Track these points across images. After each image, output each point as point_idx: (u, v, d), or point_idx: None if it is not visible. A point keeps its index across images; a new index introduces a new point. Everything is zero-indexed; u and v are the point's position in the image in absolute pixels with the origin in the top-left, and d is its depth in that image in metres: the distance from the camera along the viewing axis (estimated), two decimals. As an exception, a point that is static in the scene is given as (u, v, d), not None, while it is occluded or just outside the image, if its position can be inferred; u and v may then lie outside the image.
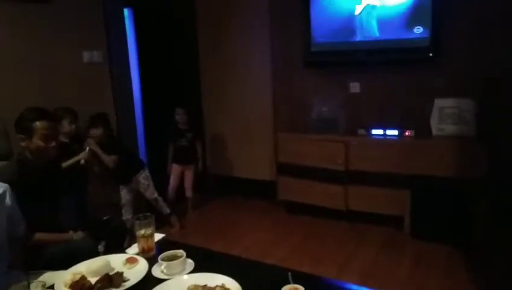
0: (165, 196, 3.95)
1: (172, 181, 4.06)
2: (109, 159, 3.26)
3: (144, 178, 3.60)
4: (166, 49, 4.43)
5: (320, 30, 3.82)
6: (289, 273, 1.36)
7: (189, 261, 1.58)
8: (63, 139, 3.05)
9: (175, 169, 4.05)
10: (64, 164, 2.89)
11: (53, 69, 3.23)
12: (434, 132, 3.42)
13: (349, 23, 3.67)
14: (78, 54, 3.42)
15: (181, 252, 1.58)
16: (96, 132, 3.28)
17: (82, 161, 3.01)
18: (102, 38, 3.59)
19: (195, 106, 4.59)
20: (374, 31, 3.59)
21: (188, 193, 4.14)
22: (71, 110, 3.08)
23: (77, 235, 2.02)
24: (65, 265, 1.60)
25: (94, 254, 1.70)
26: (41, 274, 1.63)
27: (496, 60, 3.29)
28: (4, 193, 1.76)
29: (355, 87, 3.90)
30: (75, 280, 1.47)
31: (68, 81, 3.33)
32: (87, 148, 3.09)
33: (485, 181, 3.08)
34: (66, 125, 3.04)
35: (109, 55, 3.64)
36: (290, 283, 1.32)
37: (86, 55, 3.46)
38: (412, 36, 3.43)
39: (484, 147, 3.11)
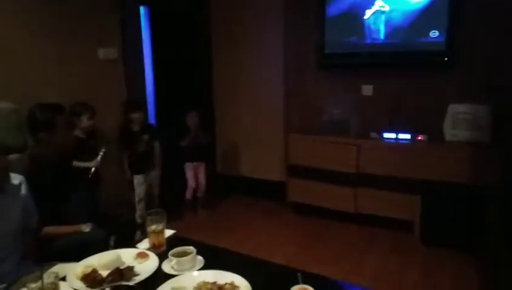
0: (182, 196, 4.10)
1: (190, 180, 4.11)
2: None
3: (157, 172, 3.70)
4: (180, 48, 4.46)
5: (335, 32, 3.81)
6: (298, 274, 1.36)
7: (199, 258, 1.59)
8: (80, 134, 3.10)
9: (189, 168, 4.10)
10: (75, 163, 2.94)
11: (68, 65, 3.27)
12: (447, 137, 3.38)
13: (364, 25, 3.65)
14: (93, 50, 3.46)
15: (191, 248, 1.59)
16: (139, 115, 3.49)
17: (93, 169, 3.01)
18: (117, 35, 3.63)
19: (207, 106, 4.61)
20: (388, 34, 3.56)
21: (201, 191, 4.18)
22: (89, 106, 3.12)
23: (86, 227, 2.05)
24: (76, 256, 1.62)
25: (105, 245, 1.72)
26: (53, 265, 1.65)
27: (511, 66, 3.24)
28: (20, 184, 1.80)
29: (368, 90, 3.88)
30: (86, 272, 1.49)
31: (83, 77, 3.37)
32: (99, 157, 3.06)
33: (497, 188, 3.04)
34: (85, 121, 3.08)
35: (124, 53, 3.67)
36: (299, 283, 1.32)
37: (102, 52, 3.50)
38: (427, 40, 3.41)
39: (497, 153, 3.07)
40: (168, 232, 1.84)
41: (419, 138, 3.46)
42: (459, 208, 3.18)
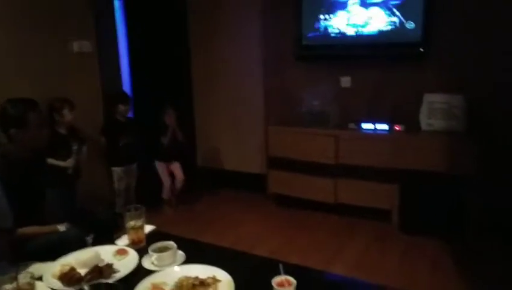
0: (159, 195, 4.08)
1: (165, 179, 4.06)
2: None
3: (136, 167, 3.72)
4: (157, 40, 4.38)
5: (312, 23, 3.81)
6: (280, 265, 1.36)
7: (180, 252, 1.58)
8: (62, 131, 3.03)
9: (163, 167, 4.05)
10: (50, 161, 2.87)
11: (42, 59, 3.17)
12: (423, 126, 3.45)
13: (341, 16, 3.67)
14: (67, 43, 3.36)
15: (172, 243, 1.57)
16: (125, 108, 3.56)
17: (70, 171, 3.02)
18: (92, 28, 3.53)
19: (186, 100, 4.56)
20: (365, 25, 3.59)
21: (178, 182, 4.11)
22: (67, 99, 3.08)
23: (62, 227, 2.00)
24: (52, 256, 1.59)
25: (82, 243, 1.68)
26: (29, 265, 1.61)
27: (485, 56, 3.32)
28: (-9, 184, 1.73)
29: (346, 81, 3.91)
30: (64, 271, 1.46)
31: (57, 71, 3.27)
32: (72, 157, 3.05)
33: (473, 176, 3.12)
34: (68, 114, 3.03)
35: (99, 46, 3.58)
36: (281, 274, 1.33)
37: (76, 45, 3.40)
38: (403, 31, 3.45)
39: (473, 142, 3.15)
40: (148, 228, 1.82)
41: (397, 128, 3.51)
42: (436, 196, 3.25)
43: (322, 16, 3.76)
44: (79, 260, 1.53)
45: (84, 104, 3.41)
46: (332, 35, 3.75)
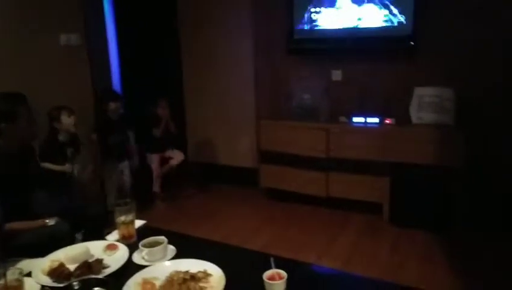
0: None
1: (156, 170, 4.08)
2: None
3: (131, 162, 3.76)
4: (147, 33, 4.34)
5: (303, 17, 3.80)
6: (271, 259, 1.36)
7: (171, 247, 1.57)
8: (63, 138, 3.00)
9: (156, 158, 4.06)
10: (47, 165, 2.86)
11: (28, 52, 3.12)
12: (413, 120, 3.46)
13: (332, 10, 3.66)
14: (54, 36, 3.31)
15: (162, 238, 1.56)
16: (115, 105, 3.53)
17: (70, 174, 3.01)
18: (79, 20, 3.48)
19: (176, 94, 4.53)
20: (356, 19, 3.59)
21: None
22: (64, 106, 3.05)
23: (51, 221, 1.98)
24: (41, 252, 1.57)
25: (71, 238, 1.67)
26: (18, 262, 1.59)
27: (475, 50, 3.34)
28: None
29: (337, 75, 3.91)
30: (53, 267, 1.44)
31: (45, 64, 3.23)
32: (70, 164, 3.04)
33: (462, 169, 3.15)
34: (66, 119, 2.99)
35: (87, 39, 3.53)
36: (272, 268, 1.33)
37: (63, 38, 3.35)
38: (394, 24, 3.45)
39: (462, 135, 3.18)
40: (138, 223, 1.81)
41: (388, 121, 3.53)
42: (426, 189, 3.28)
43: (313, 9, 3.74)
44: (68, 255, 1.51)
45: (74, 98, 3.37)
46: (323, 28, 3.74)
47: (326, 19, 3.71)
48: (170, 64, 4.56)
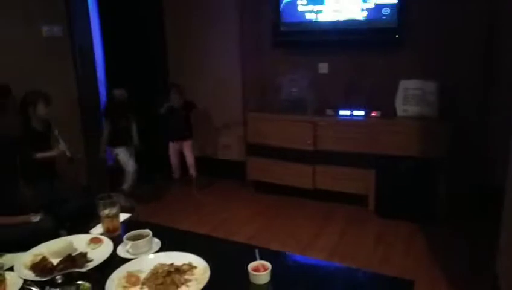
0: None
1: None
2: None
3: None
4: (132, 26, 4.28)
5: (289, 9, 3.78)
6: (256, 250, 1.36)
7: (156, 240, 1.57)
8: (37, 127, 2.92)
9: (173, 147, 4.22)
10: (40, 155, 2.81)
11: (9, 44, 3.05)
12: (398, 112, 3.50)
13: (318, 2, 3.65)
14: (36, 27, 3.24)
15: (147, 231, 1.56)
16: (120, 92, 3.67)
17: (68, 154, 2.93)
18: (62, 11, 3.41)
19: (163, 87, 4.48)
20: (342, 12, 3.59)
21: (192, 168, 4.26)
22: (42, 93, 2.93)
23: (36, 217, 1.95)
24: (25, 247, 1.55)
25: (55, 234, 1.65)
26: (0, 256, 1.57)
27: (458, 43, 3.38)
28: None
29: (323, 68, 3.92)
30: (35, 261, 1.43)
31: (26, 56, 3.17)
32: (59, 147, 2.95)
33: (445, 160, 3.20)
34: (42, 108, 2.88)
35: (70, 30, 3.47)
36: (257, 260, 1.33)
37: (45, 29, 3.29)
38: (379, 17, 3.47)
39: (445, 127, 3.22)
40: (123, 216, 1.80)
41: (373, 114, 3.56)
42: (411, 181, 3.32)
43: (299, 2, 3.73)
44: (51, 249, 1.49)
45: (57, 91, 3.30)
46: (310, 21, 3.74)
47: (312, 12, 3.70)
48: (156, 56, 4.51)
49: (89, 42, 3.67)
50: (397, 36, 3.44)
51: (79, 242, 1.57)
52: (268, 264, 1.31)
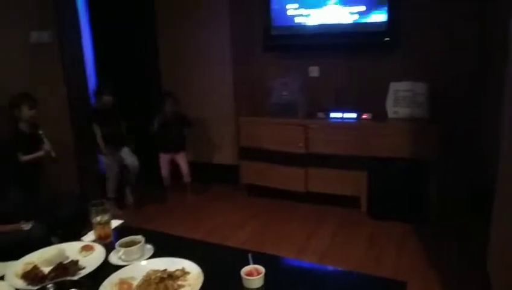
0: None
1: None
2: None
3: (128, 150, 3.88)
4: (123, 30, 4.27)
5: (280, 13, 3.80)
6: (249, 255, 1.36)
7: (148, 246, 1.56)
8: (24, 128, 2.91)
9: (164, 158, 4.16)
10: (25, 158, 2.79)
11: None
12: (389, 114, 3.53)
13: (309, 6, 3.68)
14: (24, 33, 3.21)
15: (139, 237, 1.55)
16: (108, 98, 3.68)
17: (53, 154, 2.94)
18: (51, 18, 3.39)
19: (154, 91, 4.47)
20: (332, 15, 3.62)
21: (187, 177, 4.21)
22: (28, 95, 2.94)
23: (27, 225, 1.93)
24: (16, 256, 1.53)
25: (46, 242, 1.63)
26: (-10, 266, 1.55)
27: (447, 45, 3.42)
28: None
29: (314, 71, 3.95)
30: (27, 270, 1.41)
31: (14, 62, 3.14)
32: (44, 147, 2.95)
33: (436, 161, 3.23)
34: (26, 111, 2.89)
35: (59, 36, 3.45)
36: (250, 264, 1.33)
37: (34, 36, 3.26)
38: (369, 21, 3.50)
39: (435, 128, 3.26)
40: (115, 223, 1.79)
41: (364, 116, 3.58)
42: (402, 182, 3.35)
43: (290, 6, 3.76)
44: (42, 258, 1.48)
45: (46, 97, 3.29)
46: (300, 25, 3.76)
47: (303, 16, 3.73)
48: (147, 61, 4.50)
49: (78, 48, 3.65)
50: (386, 39, 3.48)
51: (70, 250, 1.55)
52: (261, 269, 1.31)
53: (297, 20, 3.76)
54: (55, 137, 3.17)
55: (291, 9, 3.75)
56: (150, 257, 1.50)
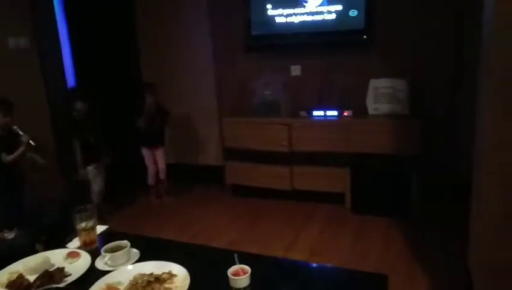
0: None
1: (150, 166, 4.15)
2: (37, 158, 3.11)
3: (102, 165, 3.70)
4: (102, 33, 4.22)
5: (260, 13, 3.83)
6: (235, 255, 1.38)
7: (134, 250, 1.56)
8: (3, 133, 2.86)
9: (147, 153, 4.11)
10: (7, 158, 2.78)
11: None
12: (370, 111, 3.59)
13: (288, 6, 3.71)
14: (2, 40, 3.16)
15: (125, 242, 1.55)
16: (80, 105, 3.48)
17: (32, 142, 2.89)
18: (28, 23, 3.34)
19: (135, 93, 4.44)
20: (311, 14, 3.66)
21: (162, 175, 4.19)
22: (4, 100, 2.88)
23: (10, 234, 1.90)
24: (0, 265, 1.51)
25: (31, 250, 1.61)
26: (-27, 277, 1.53)
27: (425, 42, 3.49)
28: None
29: (296, 70, 3.98)
30: (12, 279, 1.40)
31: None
32: (22, 140, 2.92)
33: (417, 155, 3.30)
34: (0, 117, 2.84)
35: (37, 42, 3.40)
36: (236, 264, 1.35)
37: (12, 42, 3.21)
38: (347, 19, 3.55)
39: (416, 124, 3.32)
40: (100, 228, 1.78)
41: (345, 113, 3.63)
42: (384, 177, 3.41)
43: (269, 6, 3.78)
44: (27, 266, 1.47)
45: (26, 103, 3.23)
46: (280, 24, 3.79)
47: (282, 15, 3.76)
48: (128, 64, 4.46)
49: (57, 53, 3.60)
50: (365, 37, 3.53)
51: (56, 257, 1.54)
52: (247, 268, 1.33)
53: (277, 19, 3.79)
54: (36, 141, 3.13)
55: (271, 9, 3.78)
56: (136, 261, 1.51)
